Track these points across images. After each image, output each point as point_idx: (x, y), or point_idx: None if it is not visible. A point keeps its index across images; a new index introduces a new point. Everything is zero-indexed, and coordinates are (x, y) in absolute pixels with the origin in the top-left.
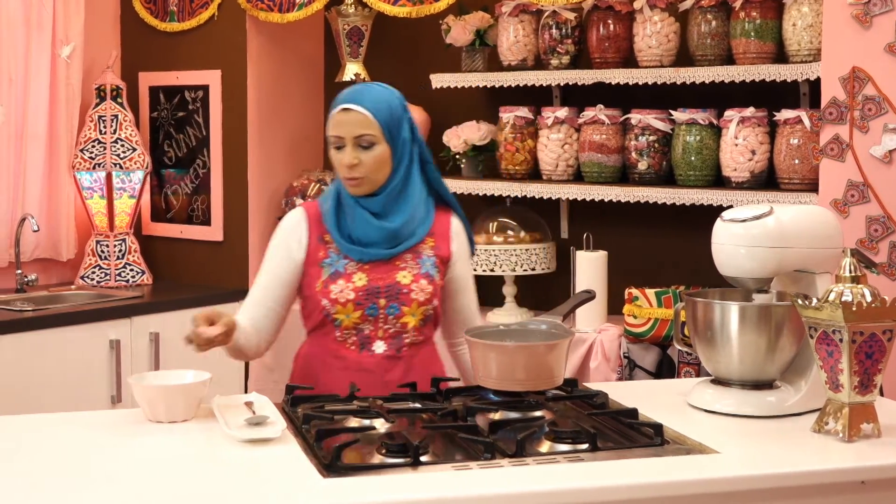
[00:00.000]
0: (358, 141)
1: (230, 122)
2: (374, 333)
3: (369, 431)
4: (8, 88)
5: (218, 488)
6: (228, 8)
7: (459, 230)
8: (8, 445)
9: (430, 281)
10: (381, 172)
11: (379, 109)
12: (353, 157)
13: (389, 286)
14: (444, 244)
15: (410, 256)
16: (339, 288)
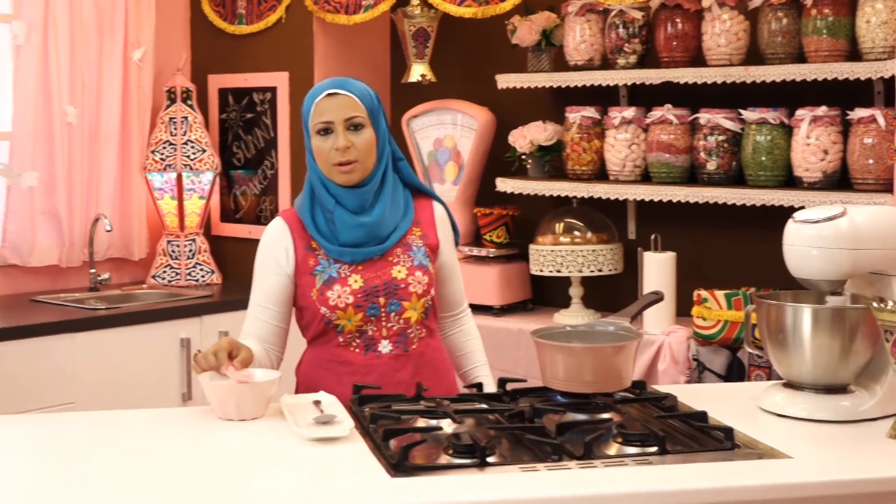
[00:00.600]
0: (348, 123)
1: (297, 123)
2: (378, 334)
3: (436, 432)
4: (81, 91)
5: (287, 486)
6: (296, 10)
7: (443, 216)
8: (82, 441)
9: (425, 271)
10: (370, 159)
11: (363, 95)
12: (346, 140)
13: (387, 283)
14: (430, 231)
15: (401, 250)
16: (336, 294)
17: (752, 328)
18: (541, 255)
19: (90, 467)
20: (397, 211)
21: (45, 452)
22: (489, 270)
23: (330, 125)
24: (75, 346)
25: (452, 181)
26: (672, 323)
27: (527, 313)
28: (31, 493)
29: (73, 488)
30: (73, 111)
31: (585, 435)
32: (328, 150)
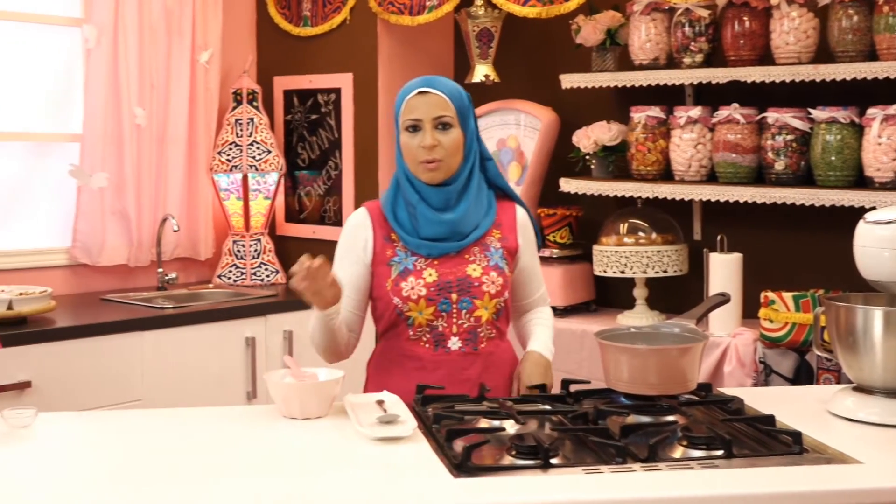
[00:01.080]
0: (437, 122)
1: (361, 124)
2: (448, 330)
3: (499, 432)
4: (150, 93)
5: (350, 485)
6: (360, 12)
7: (525, 221)
8: (149, 438)
9: (500, 273)
10: (456, 158)
11: (453, 94)
12: (433, 139)
13: (460, 280)
14: (510, 235)
15: (478, 249)
16: (409, 285)
17: (821, 331)
18: (605, 256)
19: (156, 464)
20: (480, 210)
21: (113, 449)
22: (552, 271)
23: (418, 123)
24: (143, 345)
25: (516, 181)
26: (738, 325)
27: (590, 314)
28: (98, 489)
29: (140, 484)
30: (142, 113)
31: (650, 437)
32: (415, 147)
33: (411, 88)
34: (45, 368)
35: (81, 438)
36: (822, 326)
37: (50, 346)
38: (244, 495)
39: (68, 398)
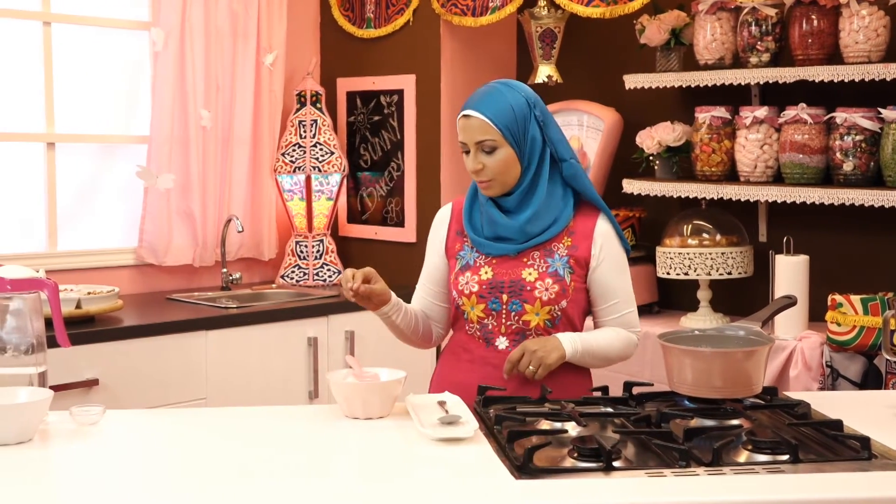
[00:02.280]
0: (480, 146)
1: (424, 125)
2: (496, 329)
3: (561, 434)
4: (216, 95)
5: (412, 485)
6: (423, 13)
7: (605, 233)
8: (212, 436)
9: (557, 280)
10: (510, 174)
11: (499, 113)
12: (477, 163)
13: (514, 282)
14: (583, 244)
15: (539, 254)
16: (465, 280)
17: (890, 334)
18: (668, 258)
19: (220, 462)
20: (550, 214)
21: (177, 447)
22: None
23: (466, 146)
24: (207, 344)
25: None
26: (805, 328)
27: (653, 316)
28: (163, 486)
29: (203, 482)
30: (208, 115)
31: (714, 441)
32: (468, 167)
33: (463, 108)
34: (112, 366)
35: (147, 436)
36: (891, 330)
37: (117, 345)
38: (306, 494)
39: (134, 396)
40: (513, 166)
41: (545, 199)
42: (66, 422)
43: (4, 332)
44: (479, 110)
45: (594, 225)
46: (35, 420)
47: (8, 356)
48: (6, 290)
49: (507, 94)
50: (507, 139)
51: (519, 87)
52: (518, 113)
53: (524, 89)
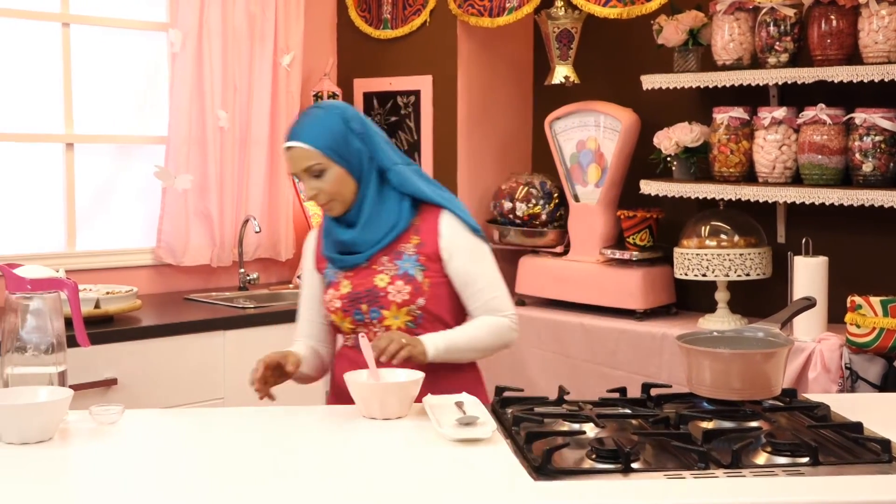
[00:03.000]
0: (308, 172)
1: (440, 126)
2: (368, 336)
3: (579, 436)
4: (233, 96)
5: (430, 486)
6: (440, 14)
7: (451, 225)
8: (230, 436)
9: (409, 281)
10: (345, 191)
11: (317, 137)
12: (310, 189)
13: (369, 290)
14: (430, 239)
15: (388, 258)
16: (329, 297)
17: None
18: (686, 259)
19: (237, 462)
20: (384, 221)
21: (195, 446)
22: (632, 274)
23: (296, 176)
24: (225, 344)
25: (595, 183)
26: (824, 330)
27: (670, 317)
28: (181, 485)
29: (222, 482)
30: (225, 116)
31: (733, 443)
32: (304, 196)
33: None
34: (131, 366)
35: (166, 436)
36: None
37: (135, 345)
38: (323, 494)
39: (152, 395)
40: (346, 183)
41: (376, 206)
42: (85, 421)
43: (25, 332)
44: (298, 139)
45: (437, 220)
46: (55, 419)
47: (28, 355)
48: (26, 290)
49: (322, 116)
50: (332, 159)
51: (333, 106)
52: (336, 131)
53: (339, 106)
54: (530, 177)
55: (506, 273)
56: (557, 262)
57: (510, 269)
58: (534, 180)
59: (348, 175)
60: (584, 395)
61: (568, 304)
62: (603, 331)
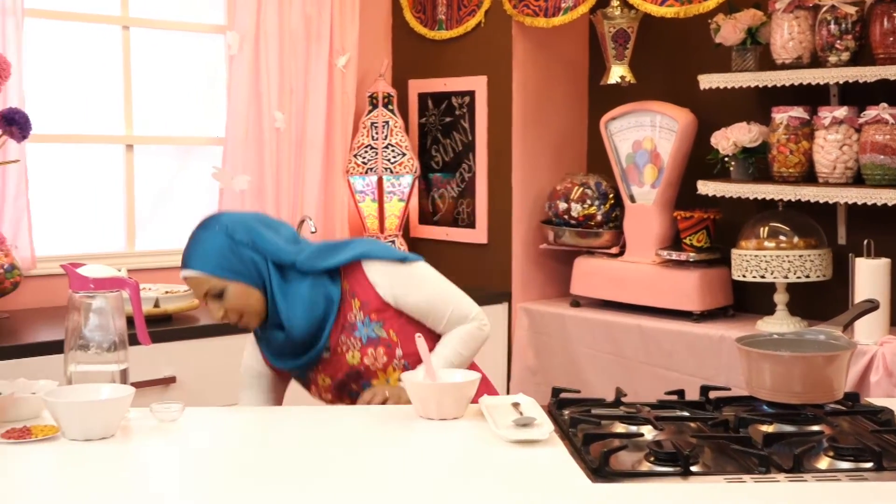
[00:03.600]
0: (208, 296)
1: (495, 126)
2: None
3: (637, 438)
4: (289, 98)
5: (487, 486)
6: (495, 14)
7: (377, 272)
8: (288, 435)
9: (377, 343)
10: (252, 303)
11: (203, 260)
12: (217, 311)
13: (348, 373)
14: (367, 293)
15: (345, 336)
16: (314, 393)
17: None
18: (744, 261)
19: (295, 460)
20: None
21: (254, 444)
22: (688, 275)
23: (199, 299)
24: None
25: (651, 184)
26: (886, 333)
27: (727, 320)
28: (240, 482)
29: (280, 480)
30: (282, 117)
31: (794, 447)
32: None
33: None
34: (189, 364)
35: (225, 433)
36: None
37: (193, 343)
38: (381, 495)
39: (210, 393)
40: (250, 295)
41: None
42: (146, 418)
43: (88, 330)
44: (188, 266)
45: (362, 271)
46: (117, 416)
47: (91, 353)
48: (89, 289)
49: (203, 237)
50: (225, 277)
51: (213, 222)
52: (221, 249)
53: (220, 221)
54: (585, 177)
55: (560, 273)
56: (613, 263)
57: (564, 269)
58: (589, 181)
59: (249, 286)
60: (640, 396)
61: (623, 305)
62: (659, 332)
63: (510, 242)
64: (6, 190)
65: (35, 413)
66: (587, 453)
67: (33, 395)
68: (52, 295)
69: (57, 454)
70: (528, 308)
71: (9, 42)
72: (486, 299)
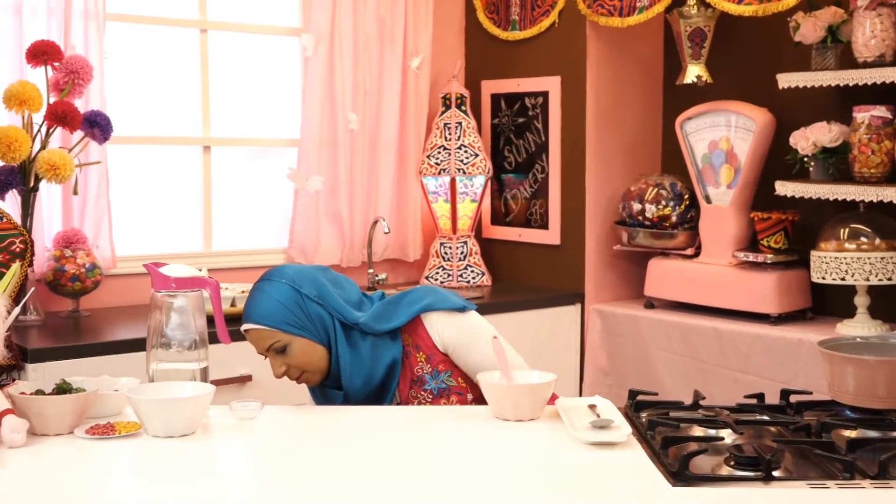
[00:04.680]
0: (272, 351)
1: (569, 127)
2: None
3: (716, 442)
4: (363, 99)
5: (565, 488)
6: (569, 14)
7: (436, 325)
8: (365, 434)
9: (449, 393)
10: (316, 359)
11: (269, 314)
12: (279, 367)
13: None
14: (428, 346)
15: (413, 390)
16: None
17: None
18: (823, 262)
19: (372, 459)
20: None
21: (331, 443)
22: (766, 277)
23: (261, 353)
24: None
25: (727, 184)
26: None
27: (806, 322)
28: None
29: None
30: (356, 118)
31: (879, 453)
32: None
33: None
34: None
35: (302, 432)
36: None
37: None
38: (458, 495)
39: (284, 392)
40: (314, 351)
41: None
42: (226, 416)
43: (169, 329)
44: (252, 321)
45: (421, 325)
46: (198, 414)
47: (172, 352)
48: (171, 288)
49: (270, 290)
50: (291, 332)
51: (280, 276)
52: (289, 302)
53: (286, 275)
54: (660, 178)
55: (634, 275)
56: (688, 264)
57: (638, 270)
58: (664, 181)
59: (314, 343)
60: (716, 399)
61: (698, 307)
62: (736, 335)
63: (583, 243)
64: (88, 191)
65: (118, 410)
66: (666, 456)
67: (116, 392)
68: (131, 294)
69: (139, 450)
70: (602, 310)
71: (91, 46)
72: (558, 300)
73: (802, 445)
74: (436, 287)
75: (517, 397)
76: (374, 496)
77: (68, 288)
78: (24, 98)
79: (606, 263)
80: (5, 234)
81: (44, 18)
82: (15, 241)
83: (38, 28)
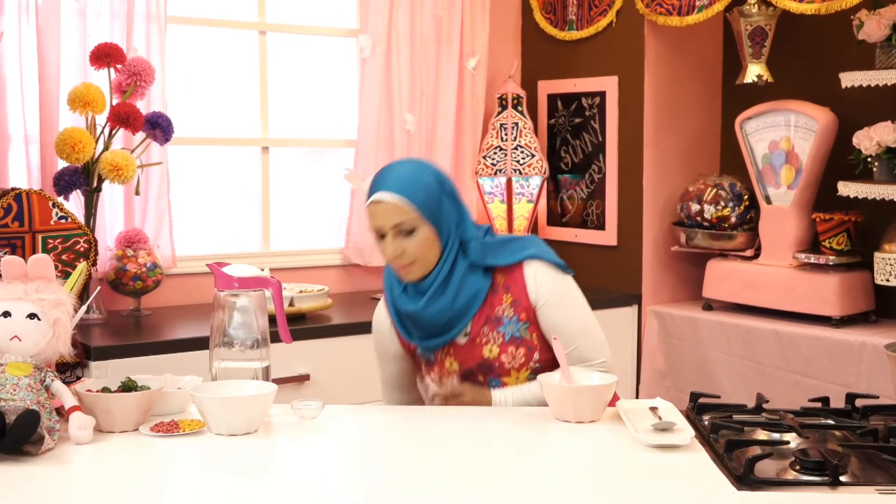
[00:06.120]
0: (397, 230)
1: (626, 127)
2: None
3: (781, 446)
4: (420, 100)
5: (629, 491)
6: (626, 14)
7: (537, 274)
8: (426, 434)
9: (520, 344)
10: (430, 255)
11: (413, 192)
12: (396, 248)
13: (480, 364)
14: (522, 294)
15: (488, 328)
16: (435, 377)
17: None
18: (887, 264)
19: (433, 460)
20: (458, 293)
21: (393, 443)
22: (828, 279)
23: (381, 230)
24: None
25: (788, 185)
26: None
27: (869, 325)
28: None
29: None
30: (412, 119)
31: None
32: (384, 254)
33: (370, 195)
34: (323, 362)
35: (364, 431)
36: None
37: (327, 342)
38: (518, 497)
39: (343, 391)
40: (433, 246)
41: (451, 276)
42: (287, 415)
43: (232, 328)
44: (393, 190)
45: (522, 274)
46: (261, 412)
47: (235, 350)
48: (234, 288)
49: (416, 171)
50: (426, 217)
51: (426, 164)
52: (431, 188)
53: (431, 166)
54: (719, 178)
55: (692, 276)
56: (747, 265)
57: (696, 272)
58: (723, 182)
59: (437, 238)
60: (777, 403)
61: (757, 309)
62: (797, 338)
63: (640, 244)
64: (149, 191)
65: (181, 407)
66: (730, 460)
67: (180, 391)
68: (191, 293)
69: (203, 448)
70: (659, 311)
71: (153, 48)
72: (615, 302)
73: (869, 450)
74: (543, 242)
75: (578, 399)
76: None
77: (130, 287)
78: (88, 100)
79: (663, 264)
80: (70, 234)
81: (107, 21)
82: (80, 240)
83: (102, 31)
